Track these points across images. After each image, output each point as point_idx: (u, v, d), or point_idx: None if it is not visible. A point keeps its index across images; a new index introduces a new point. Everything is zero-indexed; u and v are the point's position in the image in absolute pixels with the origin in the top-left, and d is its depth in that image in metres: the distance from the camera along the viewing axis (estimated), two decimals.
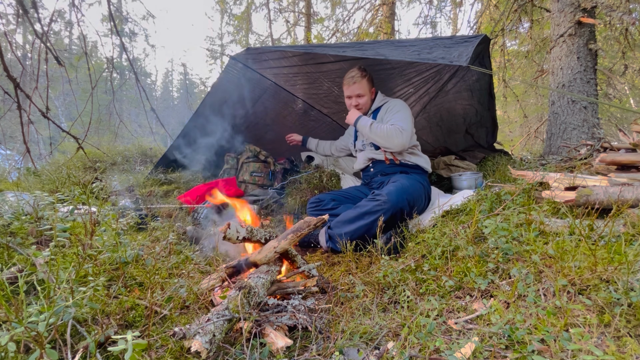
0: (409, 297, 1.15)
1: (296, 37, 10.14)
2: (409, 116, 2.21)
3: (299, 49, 2.62)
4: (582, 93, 3.31)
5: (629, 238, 1.17)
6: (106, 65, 3.43)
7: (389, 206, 1.75)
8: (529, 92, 7.68)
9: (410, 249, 1.54)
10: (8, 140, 9.32)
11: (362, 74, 2.28)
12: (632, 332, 0.81)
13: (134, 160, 4.98)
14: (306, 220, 1.33)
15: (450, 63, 1.95)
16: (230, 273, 1.29)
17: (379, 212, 1.73)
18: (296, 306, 1.13)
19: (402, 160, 2.25)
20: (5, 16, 4.87)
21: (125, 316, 1.01)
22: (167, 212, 2.40)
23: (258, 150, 3.42)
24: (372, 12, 7.49)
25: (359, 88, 2.27)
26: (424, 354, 0.84)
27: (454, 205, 1.94)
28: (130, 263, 1.28)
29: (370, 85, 2.32)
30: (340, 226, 1.82)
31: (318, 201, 2.18)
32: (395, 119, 2.17)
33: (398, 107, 2.25)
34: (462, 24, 17.42)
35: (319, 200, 2.19)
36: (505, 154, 3.66)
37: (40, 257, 1.06)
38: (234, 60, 2.82)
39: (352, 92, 2.29)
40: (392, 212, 1.75)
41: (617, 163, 1.86)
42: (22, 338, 0.73)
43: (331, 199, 2.18)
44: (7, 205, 1.68)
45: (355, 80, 2.25)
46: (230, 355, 0.91)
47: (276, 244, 1.30)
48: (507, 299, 1.01)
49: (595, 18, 3.35)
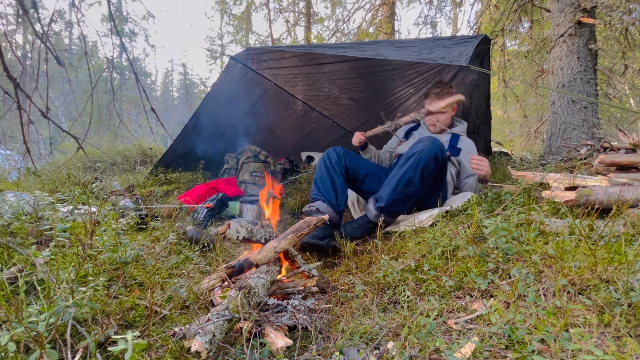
0: (409, 297, 1.15)
1: (296, 37, 10.14)
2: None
3: (299, 49, 2.62)
4: (582, 93, 3.31)
5: (629, 238, 1.17)
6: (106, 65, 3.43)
7: (428, 147, 1.76)
8: (529, 92, 7.68)
9: (411, 249, 1.54)
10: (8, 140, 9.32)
11: (447, 91, 2.23)
12: (632, 332, 0.81)
13: (134, 160, 4.98)
14: (306, 221, 1.33)
15: (450, 63, 1.95)
16: (230, 273, 1.29)
17: (418, 158, 1.76)
18: (296, 306, 1.13)
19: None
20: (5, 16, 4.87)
21: (125, 316, 1.01)
22: (167, 212, 2.40)
23: (258, 151, 3.42)
24: (372, 12, 7.50)
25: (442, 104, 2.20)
26: (424, 354, 0.84)
27: (454, 205, 1.94)
28: (130, 263, 1.28)
29: (453, 104, 2.24)
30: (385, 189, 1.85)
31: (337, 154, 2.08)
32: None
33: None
34: (462, 24, 17.44)
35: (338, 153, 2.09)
36: (505, 154, 3.66)
37: (40, 257, 1.06)
38: (234, 61, 2.82)
39: (435, 108, 2.24)
40: (429, 156, 1.76)
41: (617, 164, 1.86)
42: (22, 338, 0.73)
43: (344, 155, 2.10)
44: (7, 205, 1.68)
45: (440, 96, 2.22)
46: (230, 355, 0.91)
47: (276, 244, 1.30)
48: (507, 299, 1.01)
49: (595, 18, 3.35)
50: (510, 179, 2.33)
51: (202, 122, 3.18)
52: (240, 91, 3.19)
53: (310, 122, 4.02)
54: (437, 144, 1.79)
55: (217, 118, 3.25)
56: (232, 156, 3.42)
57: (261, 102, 3.47)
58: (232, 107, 3.29)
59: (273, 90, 3.38)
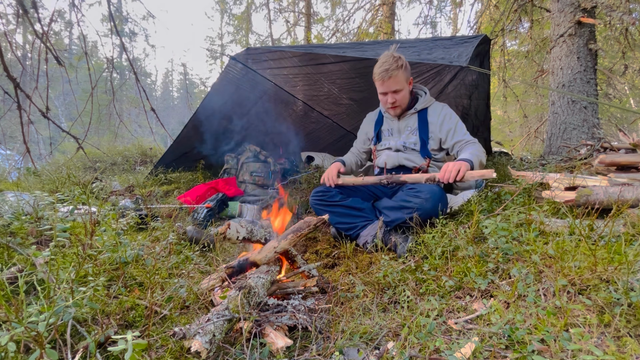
0: (409, 297, 1.15)
1: (296, 37, 10.15)
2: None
3: (299, 49, 2.62)
4: (582, 93, 3.31)
5: (629, 238, 1.17)
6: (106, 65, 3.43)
7: (429, 206, 1.62)
8: (529, 92, 7.69)
9: (411, 249, 1.54)
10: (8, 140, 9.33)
11: (397, 64, 1.86)
12: (632, 332, 0.81)
13: (134, 160, 4.98)
14: (306, 221, 1.33)
15: (450, 64, 1.95)
16: (230, 273, 1.29)
17: (417, 209, 1.62)
18: (296, 306, 1.13)
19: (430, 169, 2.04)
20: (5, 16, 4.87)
21: (125, 316, 1.01)
22: (167, 212, 2.40)
23: (258, 151, 3.42)
24: (372, 12, 7.50)
25: (395, 83, 1.89)
26: (424, 354, 0.84)
27: (454, 205, 1.94)
28: (130, 263, 1.28)
29: (407, 75, 1.93)
30: (388, 211, 1.78)
31: (325, 191, 1.97)
32: (463, 133, 1.92)
33: (454, 117, 1.97)
34: (462, 24, 17.45)
35: (326, 190, 1.97)
36: (505, 154, 3.66)
37: (40, 257, 1.06)
38: (234, 61, 2.82)
39: (388, 89, 1.92)
40: (428, 214, 1.63)
41: (617, 164, 1.86)
42: (22, 338, 0.73)
43: (338, 192, 1.98)
44: (7, 205, 1.68)
45: (390, 74, 1.86)
46: (230, 355, 0.91)
47: (276, 244, 1.30)
48: (507, 299, 1.01)
49: (595, 18, 3.35)
50: (510, 179, 2.33)
51: (202, 122, 3.18)
52: (240, 91, 3.19)
53: (310, 122, 4.02)
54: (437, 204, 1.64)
55: (217, 118, 3.26)
56: (232, 156, 3.42)
57: (261, 102, 3.47)
58: (232, 107, 3.29)
59: (273, 90, 3.38)
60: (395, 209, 1.73)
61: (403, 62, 1.88)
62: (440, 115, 1.99)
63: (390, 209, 1.76)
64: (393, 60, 1.86)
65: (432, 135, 2.01)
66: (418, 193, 1.69)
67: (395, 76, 1.87)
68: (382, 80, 1.89)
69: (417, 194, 1.69)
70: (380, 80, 1.90)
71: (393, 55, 1.88)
